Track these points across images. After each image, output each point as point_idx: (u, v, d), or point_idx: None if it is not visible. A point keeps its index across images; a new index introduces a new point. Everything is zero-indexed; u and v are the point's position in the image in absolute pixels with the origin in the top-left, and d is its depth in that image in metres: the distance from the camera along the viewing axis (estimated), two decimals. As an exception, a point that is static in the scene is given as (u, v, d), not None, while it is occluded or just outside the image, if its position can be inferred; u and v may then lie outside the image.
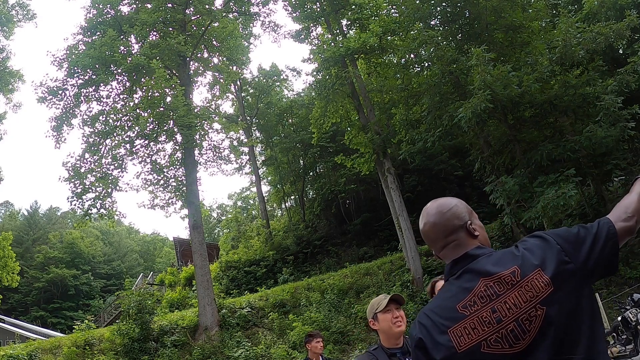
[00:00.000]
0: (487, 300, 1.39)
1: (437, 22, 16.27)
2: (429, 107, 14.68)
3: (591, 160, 12.86)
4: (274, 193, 32.64)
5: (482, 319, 1.38)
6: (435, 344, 1.41)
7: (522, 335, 1.33)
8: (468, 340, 1.37)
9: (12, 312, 39.44)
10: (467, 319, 1.39)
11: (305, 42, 20.44)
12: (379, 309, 2.78)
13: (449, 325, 1.41)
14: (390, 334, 2.76)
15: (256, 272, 23.52)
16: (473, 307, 1.40)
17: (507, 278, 1.39)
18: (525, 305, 1.35)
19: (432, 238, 1.60)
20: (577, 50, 12.03)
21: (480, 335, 1.36)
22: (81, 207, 16.90)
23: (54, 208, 59.18)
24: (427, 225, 1.61)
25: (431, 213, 1.61)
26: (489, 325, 1.37)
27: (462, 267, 1.49)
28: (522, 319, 1.34)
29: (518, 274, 1.39)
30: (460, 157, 22.35)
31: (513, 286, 1.38)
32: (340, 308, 16.02)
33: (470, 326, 1.38)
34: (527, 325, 1.33)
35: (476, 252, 1.51)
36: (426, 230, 1.61)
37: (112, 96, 18.33)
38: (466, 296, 1.43)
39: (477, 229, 1.58)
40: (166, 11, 18.20)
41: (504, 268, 1.42)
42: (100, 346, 14.29)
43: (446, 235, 1.56)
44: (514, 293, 1.37)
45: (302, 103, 28.82)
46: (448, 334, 1.40)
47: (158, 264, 55.89)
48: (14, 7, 21.98)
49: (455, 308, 1.42)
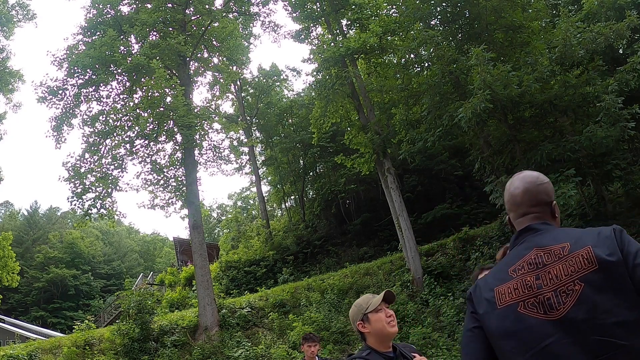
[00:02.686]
0: (533, 267, 1.52)
1: (437, 22, 16.26)
2: (429, 107, 14.68)
3: (591, 160, 12.85)
4: (274, 193, 32.66)
5: (525, 283, 1.51)
6: (481, 300, 1.61)
7: (557, 305, 1.43)
8: (508, 298, 1.52)
9: (12, 312, 39.45)
10: (513, 280, 1.54)
11: (305, 42, 20.43)
12: (370, 308, 2.51)
13: (497, 284, 1.58)
14: (384, 336, 2.49)
15: (256, 272, 23.51)
16: (520, 271, 1.54)
17: (557, 251, 1.52)
18: (566, 279, 1.45)
19: (517, 202, 1.71)
20: (577, 50, 12.02)
21: (519, 296, 1.50)
22: (81, 207, 16.90)
23: (54, 208, 59.26)
24: (517, 189, 1.71)
25: (525, 180, 1.72)
26: (529, 289, 1.49)
27: (525, 238, 1.63)
28: (560, 290, 1.45)
29: (567, 249, 1.50)
30: (460, 157, 22.35)
31: (560, 259, 1.49)
32: (340, 308, 16.01)
33: (513, 287, 1.53)
34: (563, 298, 1.43)
35: (540, 227, 1.63)
36: (515, 194, 1.72)
37: (112, 96, 18.33)
38: (517, 261, 1.58)
39: (558, 211, 1.71)
40: (166, 11, 18.20)
41: (557, 242, 1.54)
42: (100, 346, 14.29)
43: (532, 205, 1.68)
44: (559, 265, 1.48)
45: (302, 103, 28.83)
46: (493, 291, 1.57)
47: (158, 264, 55.92)
48: (14, 7, 21.97)
49: (507, 271, 1.59)
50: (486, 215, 19.89)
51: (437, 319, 14.51)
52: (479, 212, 21.27)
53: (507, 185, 1.79)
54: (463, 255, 16.88)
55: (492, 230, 16.88)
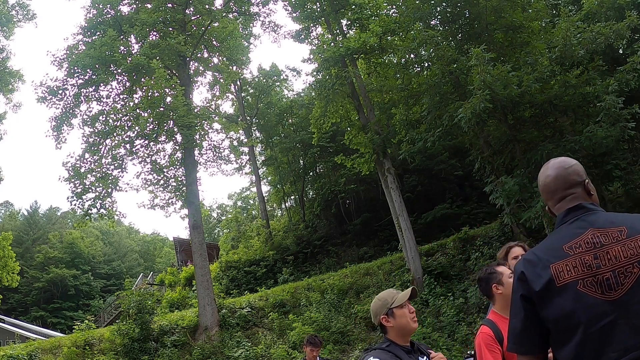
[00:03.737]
0: (591, 247, 1.51)
1: (437, 22, 16.25)
2: (429, 107, 14.67)
3: (591, 160, 12.83)
4: (274, 193, 32.65)
5: (584, 261, 1.49)
6: (537, 277, 1.53)
7: (616, 286, 1.44)
8: (567, 276, 1.49)
9: (12, 312, 39.44)
10: (571, 257, 1.51)
11: (305, 42, 20.43)
12: (396, 303, 2.59)
13: (553, 261, 1.53)
14: (407, 331, 2.60)
15: (256, 272, 23.51)
16: (578, 249, 1.52)
17: (614, 234, 1.52)
18: (625, 261, 1.46)
19: (552, 189, 1.73)
20: (577, 50, 12.02)
21: (579, 274, 1.48)
22: (81, 207, 16.90)
23: (54, 208, 59.23)
24: (549, 177, 1.74)
25: (554, 167, 1.75)
26: (588, 268, 1.48)
27: (576, 217, 1.62)
28: (619, 271, 1.45)
29: (625, 233, 1.52)
30: (460, 157, 22.34)
31: (618, 241, 1.50)
32: (340, 308, 16.02)
33: (571, 264, 1.50)
34: (622, 279, 1.44)
35: (590, 206, 1.65)
36: (548, 182, 1.74)
37: (112, 96, 18.34)
38: (573, 239, 1.55)
39: (592, 188, 1.72)
40: (166, 11, 18.20)
41: (614, 225, 1.55)
42: (100, 346, 14.29)
43: (566, 188, 1.70)
44: (617, 247, 1.49)
45: (302, 103, 28.82)
46: (550, 268, 1.52)
47: (158, 264, 55.90)
48: (14, 7, 21.96)
49: (562, 247, 1.55)
50: (486, 215, 19.87)
51: (437, 319, 14.51)
52: (479, 212, 21.26)
53: (539, 177, 1.81)
54: (463, 255, 16.89)
55: (492, 230, 16.88)
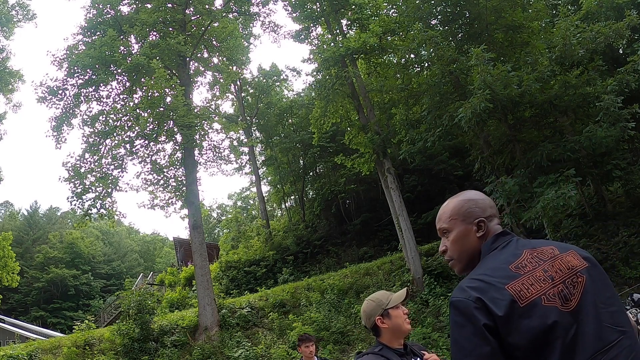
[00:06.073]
0: (536, 263, 1.51)
1: (437, 22, 16.26)
2: (429, 107, 14.68)
3: (591, 160, 12.85)
4: (274, 193, 32.65)
5: (537, 277, 1.47)
6: (496, 300, 1.42)
7: (570, 296, 1.45)
8: (528, 294, 1.43)
9: (12, 312, 39.43)
10: (523, 276, 1.47)
11: (305, 42, 20.41)
12: (392, 304, 2.54)
13: (507, 282, 1.45)
14: (401, 332, 2.55)
15: (256, 272, 23.51)
16: (526, 268, 1.50)
17: (548, 251, 1.56)
18: (569, 272, 1.50)
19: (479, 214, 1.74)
20: (577, 50, 12.02)
21: (539, 290, 1.44)
22: (81, 207, 16.89)
23: (54, 208, 59.21)
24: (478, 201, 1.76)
25: (475, 194, 1.79)
26: (544, 282, 1.46)
27: (506, 241, 1.62)
28: (567, 282, 1.48)
29: (557, 250, 1.57)
30: (460, 157, 22.34)
31: (555, 257, 1.54)
32: (340, 308, 16.02)
33: (528, 282, 1.46)
34: (572, 289, 1.47)
35: (510, 232, 1.69)
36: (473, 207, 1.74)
37: (112, 96, 18.33)
38: (516, 260, 1.52)
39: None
40: (166, 11, 18.19)
41: (544, 245, 1.59)
42: (100, 346, 14.29)
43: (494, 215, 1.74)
44: (557, 262, 1.52)
45: (302, 103, 28.81)
46: (507, 290, 1.43)
47: (158, 264, 55.90)
48: (14, 7, 21.97)
49: (509, 269, 1.50)
50: (486, 215, 19.85)
51: (437, 319, 14.51)
52: (479, 212, 21.23)
53: (458, 203, 1.77)
54: (463, 255, 16.86)
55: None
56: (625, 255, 13.20)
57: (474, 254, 1.66)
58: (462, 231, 1.68)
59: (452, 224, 1.71)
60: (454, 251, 1.71)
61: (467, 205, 1.70)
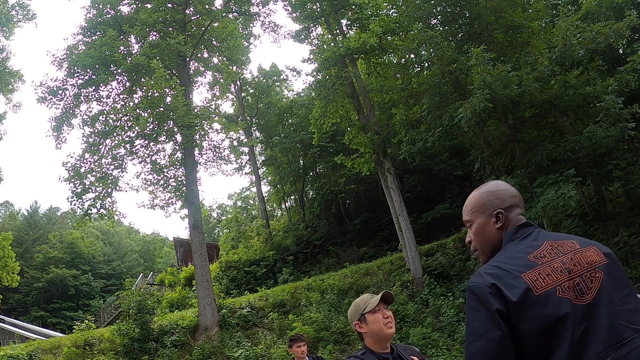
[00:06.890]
0: (554, 255, 1.53)
1: (437, 22, 16.25)
2: (429, 107, 14.67)
3: (591, 160, 12.85)
4: (274, 193, 32.65)
5: (555, 268, 1.50)
6: (510, 287, 1.45)
7: (586, 290, 1.47)
8: (544, 284, 1.46)
9: (12, 312, 39.43)
10: (541, 266, 1.50)
11: (305, 42, 20.41)
12: (367, 309, 2.53)
13: (523, 270, 1.49)
14: (381, 337, 2.51)
15: (256, 272, 23.51)
16: (544, 258, 1.52)
17: (569, 245, 1.58)
18: (587, 267, 1.52)
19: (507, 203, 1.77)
20: (577, 50, 12.02)
21: (554, 281, 1.47)
22: (81, 207, 16.89)
23: (54, 208, 59.18)
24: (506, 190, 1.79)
25: (501, 184, 1.83)
26: (561, 274, 1.49)
27: (527, 232, 1.64)
28: (585, 276, 1.50)
29: (577, 244, 1.59)
30: (460, 157, 22.34)
31: (575, 251, 1.56)
32: (340, 308, 16.01)
33: (544, 272, 1.49)
34: (589, 283, 1.49)
35: (533, 223, 1.71)
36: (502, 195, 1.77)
37: (112, 96, 18.33)
38: (535, 250, 1.55)
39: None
40: (166, 11, 18.19)
41: (565, 239, 1.62)
42: (100, 346, 14.29)
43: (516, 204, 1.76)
44: (576, 255, 1.55)
45: (302, 103, 28.81)
46: (522, 278, 1.47)
47: (158, 264, 55.90)
48: (14, 7, 21.97)
49: (527, 258, 1.53)
50: (486, 215, 19.85)
51: (437, 319, 14.51)
52: (479, 212, 21.23)
53: (487, 192, 1.79)
54: (463, 255, 16.89)
55: (492, 230, 16.85)
56: (625, 255, 13.19)
57: (496, 244, 1.70)
58: (482, 223, 1.73)
59: (473, 216, 1.76)
60: (477, 242, 1.76)
61: (486, 197, 1.74)
